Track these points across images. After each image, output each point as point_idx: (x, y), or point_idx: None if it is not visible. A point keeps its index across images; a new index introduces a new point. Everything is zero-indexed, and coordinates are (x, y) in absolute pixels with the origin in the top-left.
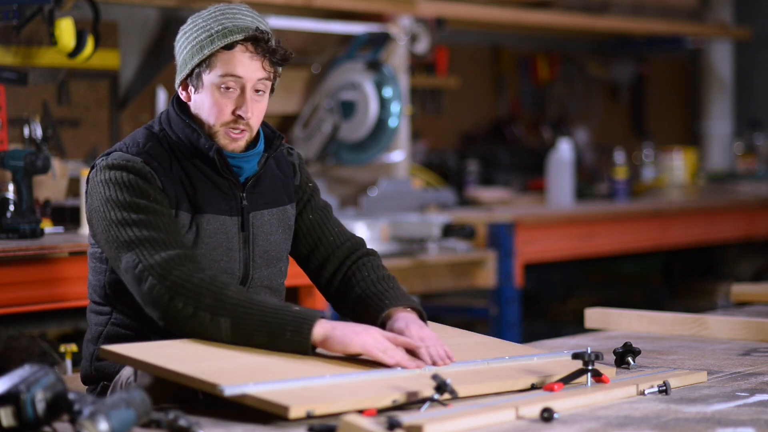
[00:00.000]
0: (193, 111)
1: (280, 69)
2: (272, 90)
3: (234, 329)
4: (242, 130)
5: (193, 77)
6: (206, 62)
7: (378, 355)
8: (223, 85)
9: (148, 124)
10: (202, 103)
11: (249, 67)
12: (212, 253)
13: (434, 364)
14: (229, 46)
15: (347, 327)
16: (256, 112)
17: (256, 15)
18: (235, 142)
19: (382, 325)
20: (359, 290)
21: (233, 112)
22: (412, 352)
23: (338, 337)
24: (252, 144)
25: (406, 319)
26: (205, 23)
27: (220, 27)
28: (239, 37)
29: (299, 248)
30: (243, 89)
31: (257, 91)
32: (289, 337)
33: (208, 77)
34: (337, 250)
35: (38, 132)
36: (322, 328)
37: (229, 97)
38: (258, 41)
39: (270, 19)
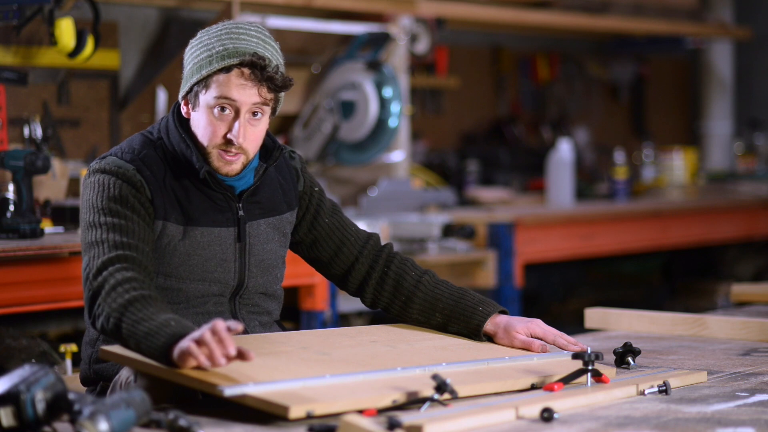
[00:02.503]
0: (192, 127)
1: (281, 94)
2: (273, 112)
3: (118, 332)
4: (236, 154)
5: (191, 95)
6: (203, 82)
7: (192, 352)
8: (217, 107)
9: (148, 129)
10: (198, 122)
11: (243, 92)
12: (206, 264)
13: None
14: (226, 69)
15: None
16: (249, 137)
17: (265, 35)
18: (229, 165)
19: (480, 331)
20: (421, 294)
21: (225, 135)
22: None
23: (174, 353)
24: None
25: (520, 320)
26: (209, 41)
27: (220, 48)
28: (235, 61)
29: (320, 253)
30: (237, 112)
31: (254, 114)
32: (145, 350)
33: (204, 98)
34: (364, 250)
35: (38, 132)
36: (175, 345)
37: (223, 120)
38: (254, 67)
39: (270, 19)
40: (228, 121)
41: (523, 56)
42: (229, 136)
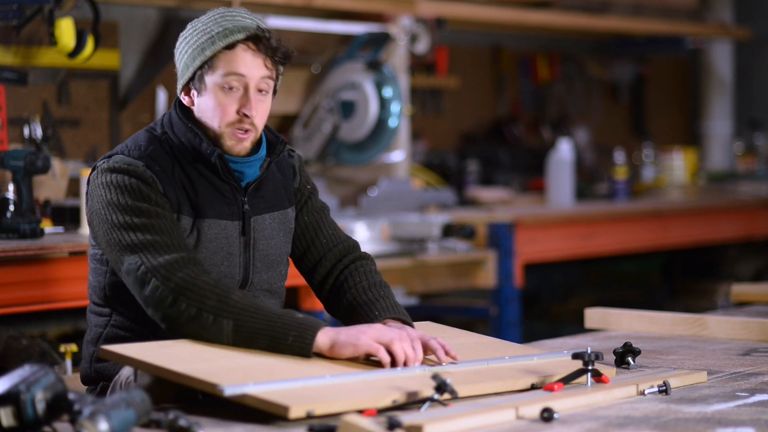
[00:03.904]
0: (196, 115)
1: (281, 68)
2: (275, 91)
3: (236, 331)
4: (247, 130)
5: (195, 81)
6: (208, 63)
7: (382, 355)
8: (226, 85)
9: (150, 126)
10: (205, 105)
11: (251, 65)
12: (212, 257)
13: (444, 354)
14: (231, 46)
15: (352, 329)
16: (259, 112)
17: (256, 17)
18: (241, 143)
19: None
20: (350, 297)
21: (238, 111)
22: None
23: (345, 341)
24: (255, 148)
25: (398, 325)
26: (204, 26)
27: (220, 28)
28: (240, 36)
29: (294, 249)
30: (246, 88)
31: (260, 90)
32: (291, 342)
33: (211, 78)
34: (329, 253)
35: (38, 132)
36: (327, 336)
37: (232, 97)
38: (259, 39)
39: (270, 19)
40: (237, 98)
41: (523, 56)
42: (243, 111)
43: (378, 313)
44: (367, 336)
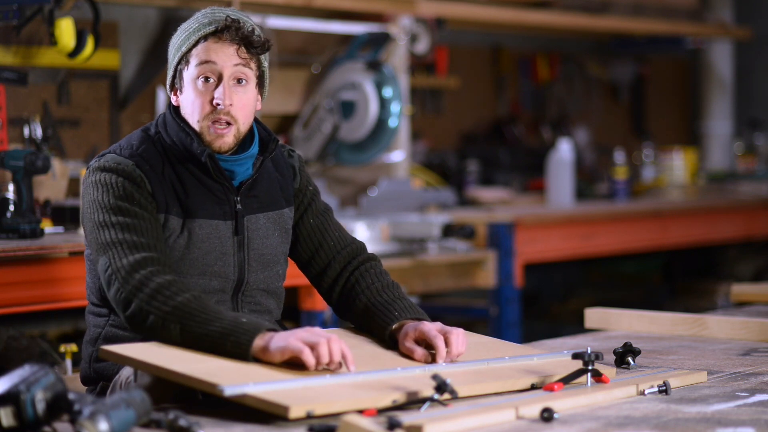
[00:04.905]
0: (182, 113)
1: (264, 61)
2: (262, 85)
3: (182, 336)
4: (227, 124)
5: (176, 78)
6: (184, 59)
7: (305, 357)
8: (201, 77)
9: (146, 126)
10: (186, 101)
11: (222, 53)
12: (205, 257)
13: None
14: (204, 39)
15: (285, 333)
16: (237, 103)
17: (240, 13)
18: (221, 138)
19: (392, 336)
20: (365, 298)
21: (211, 102)
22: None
23: (274, 345)
24: (246, 146)
25: (418, 322)
26: (187, 26)
27: (197, 24)
28: (210, 29)
29: (300, 253)
30: (220, 77)
31: (239, 81)
32: (229, 348)
33: (188, 73)
34: (338, 255)
35: (38, 132)
36: (263, 340)
37: (207, 89)
38: (229, 29)
39: (270, 19)
40: (212, 89)
41: (523, 56)
42: (215, 101)
43: (398, 313)
44: (296, 337)
